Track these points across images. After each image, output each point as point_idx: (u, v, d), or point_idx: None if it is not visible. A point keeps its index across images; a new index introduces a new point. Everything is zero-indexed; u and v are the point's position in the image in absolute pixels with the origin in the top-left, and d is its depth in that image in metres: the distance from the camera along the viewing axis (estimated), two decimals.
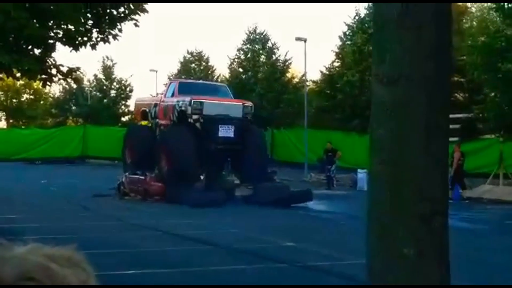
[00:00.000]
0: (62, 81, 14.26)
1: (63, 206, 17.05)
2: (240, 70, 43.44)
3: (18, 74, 12.91)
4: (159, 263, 9.14)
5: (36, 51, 12.51)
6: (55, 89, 54.10)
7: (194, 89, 21.69)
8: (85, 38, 12.59)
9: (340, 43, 37.94)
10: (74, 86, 48.44)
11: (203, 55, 49.36)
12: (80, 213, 15.60)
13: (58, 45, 12.56)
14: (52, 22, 12.37)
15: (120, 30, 12.90)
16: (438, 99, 2.70)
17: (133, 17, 12.84)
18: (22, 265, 0.96)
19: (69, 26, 12.34)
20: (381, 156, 2.74)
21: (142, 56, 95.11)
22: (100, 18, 12.68)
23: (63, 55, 74.87)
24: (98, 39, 12.77)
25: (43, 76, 12.69)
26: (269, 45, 43.14)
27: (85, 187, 21.98)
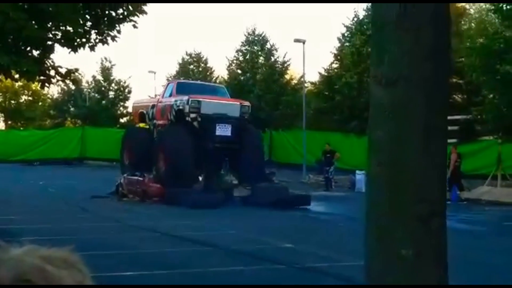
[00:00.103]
0: (61, 83, 14.24)
1: (62, 208, 17.03)
2: (239, 72, 43.45)
3: (17, 76, 12.90)
4: (158, 265, 9.13)
5: (35, 53, 12.51)
6: (54, 91, 54.15)
7: (192, 89, 21.68)
8: (84, 40, 12.60)
9: (339, 45, 37.96)
10: (73, 88, 48.50)
11: (202, 57, 49.42)
12: (79, 215, 15.58)
13: (57, 47, 12.58)
14: (51, 24, 12.37)
15: (119, 32, 12.92)
16: (437, 101, 2.70)
17: (132, 19, 12.85)
18: (18, 267, 0.96)
19: (68, 28, 12.35)
20: (379, 158, 2.74)
21: (141, 58, 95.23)
22: (99, 20, 12.68)
23: (62, 57, 75.02)
24: (97, 41, 12.77)
25: (42, 78, 12.69)
26: (268, 47, 43.17)
27: (84, 189, 21.95)
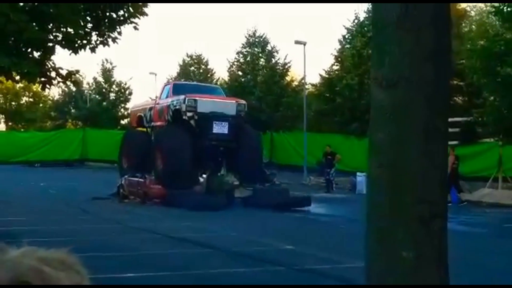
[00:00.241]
0: (62, 84, 14.25)
1: (62, 209, 17.02)
2: (240, 73, 43.46)
3: (18, 77, 12.89)
4: (159, 266, 9.12)
5: (36, 54, 12.51)
6: (55, 92, 54.25)
7: (188, 90, 21.72)
8: (85, 41, 12.59)
9: (340, 47, 37.97)
10: (74, 89, 48.60)
11: (203, 58, 49.47)
12: (79, 216, 15.57)
13: (58, 48, 12.57)
14: (52, 25, 12.37)
15: (120, 33, 12.91)
16: (437, 102, 2.70)
17: (133, 20, 12.85)
18: (16, 269, 0.96)
19: (69, 29, 12.34)
20: (380, 159, 2.74)
21: (142, 59, 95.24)
22: (100, 21, 12.68)
23: (63, 58, 75.04)
24: (98, 42, 12.77)
25: (43, 79, 12.68)
26: (269, 49, 43.20)
27: (84, 190, 21.95)
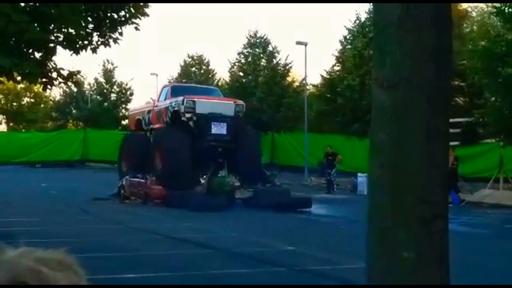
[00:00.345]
0: (63, 85, 14.26)
1: (63, 210, 17.04)
2: (241, 74, 43.46)
3: (19, 78, 12.90)
4: (159, 267, 9.12)
5: (37, 55, 12.51)
6: (56, 93, 54.35)
7: (187, 92, 21.76)
8: (86, 42, 12.60)
9: (341, 47, 37.97)
10: (75, 90, 48.71)
11: (204, 59, 49.48)
12: (80, 217, 15.58)
13: (59, 49, 12.58)
14: (53, 26, 12.37)
15: (121, 34, 12.91)
16: (438, 103, 2.70)
17: (134, 21, 12.85)
18: (14, 269, 0.96)
19: (70, 30, 12.34)
20: (381, 160, 2.74)
21: (143, 60, 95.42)
22: (101, 22, 12.69)
23: (64, 59, 75.21)
24: (99, 43, 12.77)
25: (44, 80, 12.69)
26: (270, 49, 43.20)
27: (85, 191, 21.97)
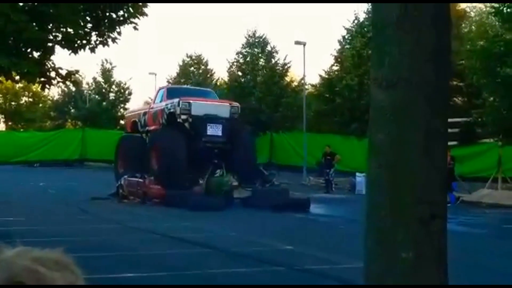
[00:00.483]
0: (61, 84, 14.24)
1: (62, 209, 17.01)
2: (239, 74, 43.46)
3: (17, 77, 12.89)
4: (158, 266, 9.12)
5: (35, 54, 12.50)
6: (54, 92, 54.35)
7: (183, 93, 21.83)
8: (84, 41, 12.59)
9: (339, 47, 38.00)
10: (73, 89, 48.61)
11: (202, 59, 49.49)
12: (79, 216, 15.56)
13: (57, 48, 12.58)
14: (51, 25, 12.36)
15: (119, 33, 12.91)
16: (437, 103, 2.70)
17: (133, 21, 12.84)
18: (10, 269, 0.96)
19: (68, 29, 12.34)
20: (380, 160, 2.73)
21: (141, 59, 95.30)
22: (99, 21, 12.68)
23: (62, 58, 75.22)
24: (97, 42, 12.76)
25: (42, 79, 12.68)
26: (268, 49, 43.20)
27: (84, 190, 21.94)
